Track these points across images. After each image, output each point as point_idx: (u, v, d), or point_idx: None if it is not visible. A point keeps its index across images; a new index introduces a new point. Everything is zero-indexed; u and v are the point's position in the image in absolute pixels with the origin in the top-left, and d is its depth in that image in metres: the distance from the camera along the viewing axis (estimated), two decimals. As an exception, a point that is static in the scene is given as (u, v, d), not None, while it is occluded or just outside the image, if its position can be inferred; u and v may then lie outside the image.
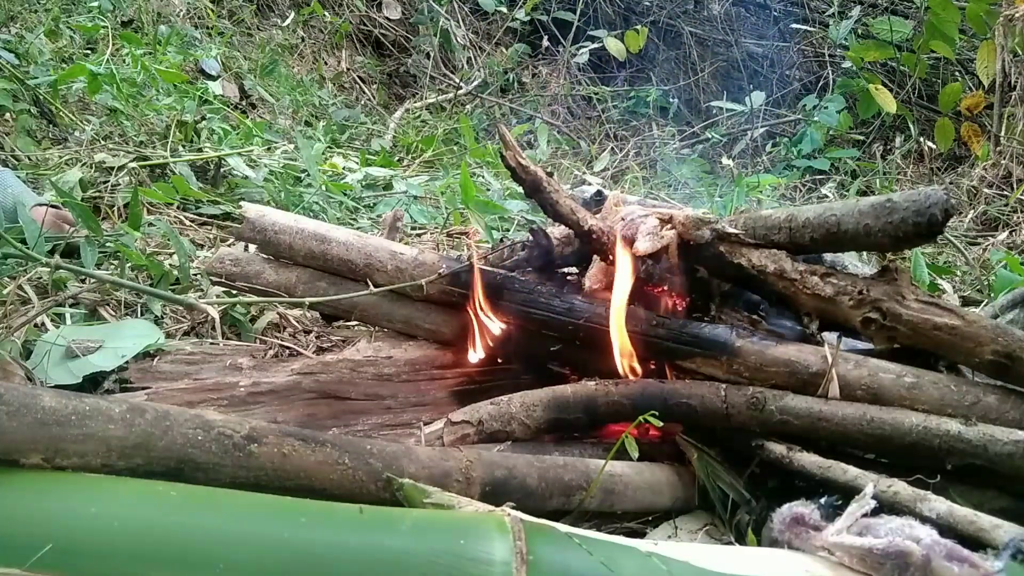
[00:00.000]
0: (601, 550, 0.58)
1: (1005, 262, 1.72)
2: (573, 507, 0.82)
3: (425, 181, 2.24)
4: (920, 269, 1.56)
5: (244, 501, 0.58)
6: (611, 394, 0.90)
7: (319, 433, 0.70)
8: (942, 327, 0.80)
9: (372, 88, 3.69)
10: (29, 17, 2.37)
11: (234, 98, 2.71)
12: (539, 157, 2.93)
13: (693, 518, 0.89)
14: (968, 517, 0.70)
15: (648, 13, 3.98)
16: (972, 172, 2.68)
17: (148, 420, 0.60)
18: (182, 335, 1.13)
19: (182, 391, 0.85)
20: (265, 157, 2.02)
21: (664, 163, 3.14)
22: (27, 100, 1.85)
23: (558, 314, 0.93)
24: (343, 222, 1.78)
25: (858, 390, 0.83)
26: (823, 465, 0.81)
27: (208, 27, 3.05)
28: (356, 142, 2.90)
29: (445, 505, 0.66)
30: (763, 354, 0.87)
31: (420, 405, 0.95)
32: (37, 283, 1.17)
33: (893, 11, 3.20)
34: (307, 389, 0.90)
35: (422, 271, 0.96)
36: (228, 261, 1.00)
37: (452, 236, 1.81)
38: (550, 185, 0.93)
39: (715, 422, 0.88)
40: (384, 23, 3.91)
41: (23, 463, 0.55)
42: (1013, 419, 0.78)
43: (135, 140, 1.85)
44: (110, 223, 1.48)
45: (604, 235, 0.93)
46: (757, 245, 0.90)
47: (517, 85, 3.84)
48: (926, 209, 0.77)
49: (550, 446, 0.90)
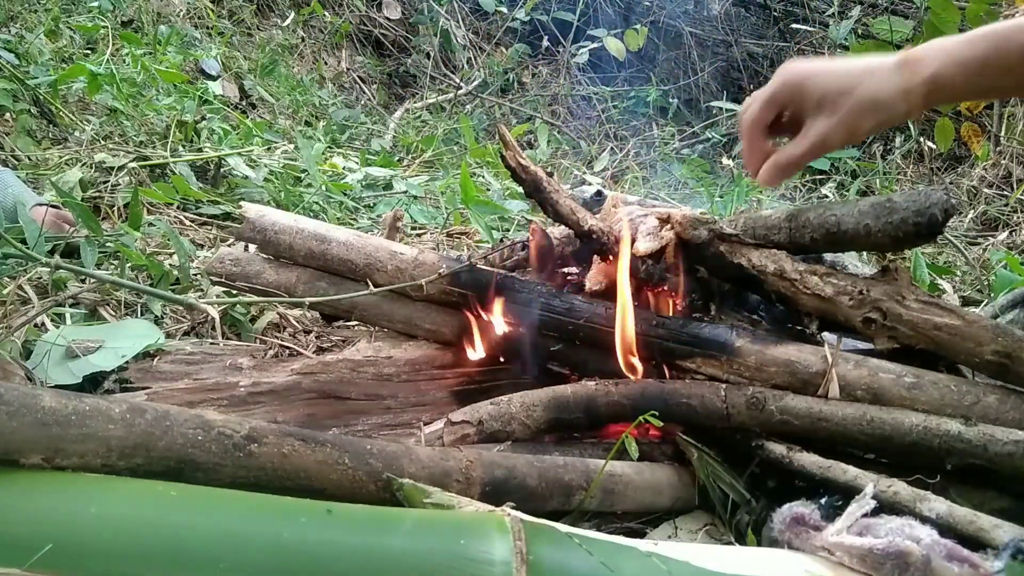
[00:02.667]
0: (601, 550, 0.58)
1: (1005, 262, 1.72)
2: (573, 507, 0.82)
3: (425, 181, 2.24)
4: (920, 269, 1.56)
5: (244, 501, 0.58)
6: (611, 394, 0.90)
7: (319, 433, 0.70)
8: (942, 327, 0.80)
9: (372, 88, 3.70)
10: (29, 17, 2.37)
11: (234, 98, 2.71)
12: (539, 157, 2.93)
13: (693, 518, 0.89)
14: (968, 517, 0.70)
15: (648, 13, 3.98)
16: (972, 172, 2.68)
17: (148, 420, 0.60)
18: (182, 335, 1.13)
19: (182, 391, 0.85)
20: (265, 157, 2.02)
21: (664, 163, 3.14)
22: (27, 100, 1.85)
23: (558, 314, 0.93)
24: (343, 222, 1.78)
25: (858, 390, 0.83)
26: (823, 465, 0.81)
27: (208, 27, 3.05)
28: (356, 142, 2.90)
29: (445, 505, 0.66)
30: (763, 354, 0.87)
31: (420, 405, 0.95)
32: (37, 283, 1.17)
33: (893, 11, 3.19)
34: (307, 389, 0.90)
35: (422, 271, 0.96)
36: (228, 261, 1.00)
37: (452, 236, 1.81)
38: (550, 185, 0.93)
39: (715, 422, 0.88)
40: (384, 23, 3.91)
41: (23, 463, 0.55)
42: (1013, 419, 0.78)
43: (135, 140, 1.85)
44: (110, 223, 1.48)
45: (604, 235, 0.93)
46: (757, 245, 0.90)
47: (517, 85, 3.84)
48: (926, 209, 0.78)
49: (550, 446, 0.90)
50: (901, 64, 0.71)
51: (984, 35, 0.68)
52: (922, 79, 0.70)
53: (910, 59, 0.71)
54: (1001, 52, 0.67)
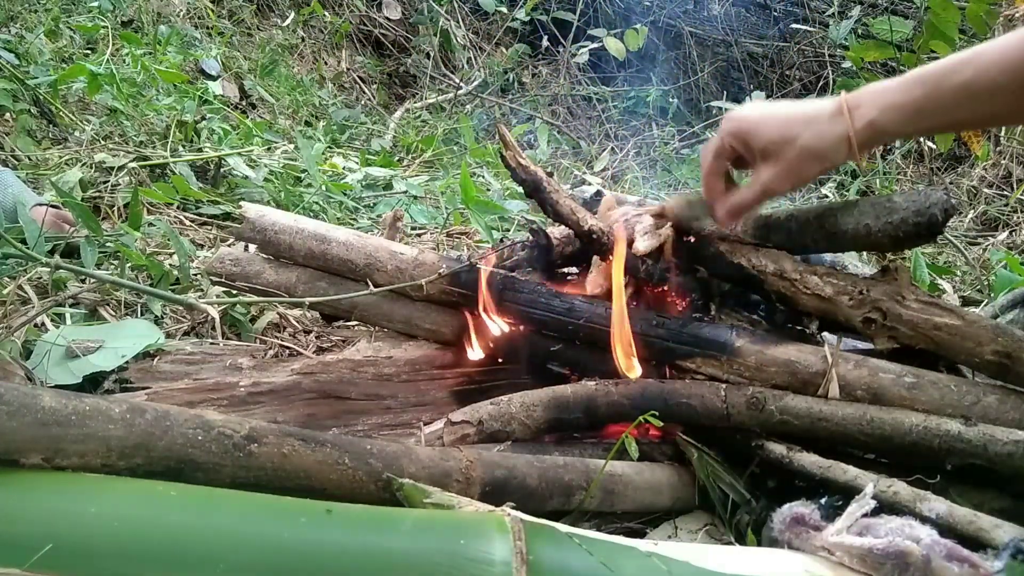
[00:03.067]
0: (601, 550, 0.58)
1: (1005, 262, 1.72)
2: (573, 507, 0.82)
3: (425, 181, 2.24)
4: (920, 269, 1.56)
5: (244, 501, 0.58)
6: (611, 394, 0.90)
7: (319, 433, 0.70)
8: (942, 327, 0.80)
9: (372, 88, 3.70)
10: (29, 17, 2.37)
11: (234, 98, 2.71)
12: (539, 157, 2.93)
13: (693, 518, 0.89)
14: (968, 517, 0.70)
15: (648, 13, 3.98)
16: (972, 172, 2.68)
17: (148, 420, 0.60)
18: (182, 335, 1.13)
19: (182, 391, 0.85)
20: (265, 157, 2.02)
21: (664, 163, 3.14)
22: (27, 100, 1.85)
23: (558, 314, 0.93)
24: (343, 222, 1.78)
25: (858, 390, 0.83)
26: (823, 465, 0.81)
27: (208, 27, 3.05)
28: (356, 142, 2.90)
29: (445, 505, 0.66)
30: (763, 354, 0.87)
31: (420, 405, 0.95)
32: (37, 283, 1.17)
33: (893, 11, 3.19)
34: (307, 389, 0.90)
35: (422, 271, 0.96)
36: (228, 261, 1.00)
37: (452, 236, 1.81)
38: (550, 185, 0.93)
39: (715, 422, 0.88)
40: (384, 23, 3.91)
41: (23, 463, 0.55)
42: (1013, 419, 0.78)
43: (135, 140, 1.85)
44: (110, 223, 1.48)
45: (604, 235, 0.93)
46: (757, 245, 0.90)
47: (517, 85, 3.84)
48: (926, 209, 0.78)
49: (550, 446, 0.90)
50: (838, 112, 0.72)
51: (918, 78, 0.69)
52: (860, 127, 0.71)
53: (848, 105, 0.72)
54: (932, 97, 0.68)
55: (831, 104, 0.73)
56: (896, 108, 0.70)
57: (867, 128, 0.71)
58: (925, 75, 0.68)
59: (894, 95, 0.70)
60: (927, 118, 0.70)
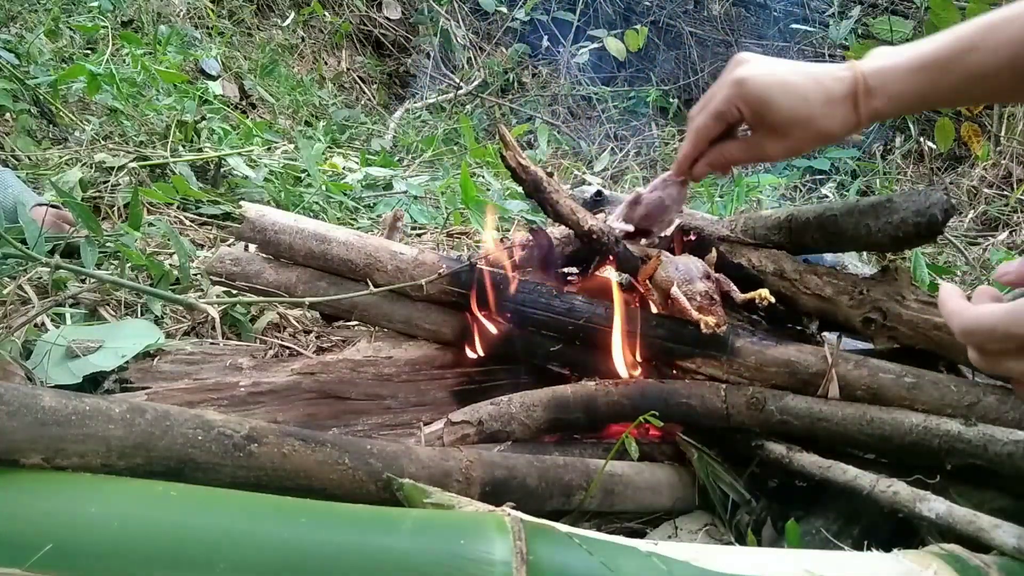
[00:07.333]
0: (601, 550, 0.58)
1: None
2: (573, 507, 0.82)
3: (425, 181, 2.24)
4: (920, 269, 1.56)
5: (244, 501, 0.58)
6: (611, 394, 0.90)
7: (319, 433, 0.70)
8: (942, 327, 0.80)
9: (372, 88, 3.70)
10: (29, 17, 2.37)
11: (234, 98, 2.71)
12: (539, 157, 2.93)
13: (693, 518, 0.89)
14: (968, 517, 0.70)
15: (648, 13, 3.98)
16: (972, 172, 2.68)
17: (148, 420, 0.60)
18: (182, 335, 1.13)
19: (182, 391, 0.85)
20: (265, 157, 2.02)
21: (664, 163, 3.14)
22: (27, 100, 1.85)
23: (558, 314, 0.93)
24: (343, 222, 1.79)
25: (858, 390, 0.83)
26: (823, 465, 0.81)
27: (208, 27, 3.05)
28: (356, 142, 2.90)
29: (445, 505, 0.66)
30: (763, 354, 0.87)
31: (420, 405, 0.95)
32: (37, 283, 1.17)
33: (893, 11, 3.20)
34: (307, 389, 0.90)
35: (422, 271, 0.96)
36: (228, 261, 1.00)
37: (452, 236, 1.81)
38: (550, 185, 0.93)
39: (715, 422, 0.88)
40: (384, 23, 3.91)
41: (23, 463, 0.55)
42: (1013, 419, 0.78)
43: (135, 140, 1.85)
44: (110, 223, 1.48)
45: (604, 235, 0.93)
46: (757, 245, 0.90)
47: (517, 85, 3.84)
48: (926, 209, 0.78)
49: (550, 446, 0.90)
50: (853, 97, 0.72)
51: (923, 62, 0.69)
52: (866, 114, 0.73)
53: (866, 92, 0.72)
54: (937, 83, 0.69)
55: (844, 84, 0.72)
56: (901, 97, 0.71)
57: (872, 115, 0.73)
58: (931, 58, 0.69)
59: (901, 84, 0.70)
60: (930, 103, 0.72)
